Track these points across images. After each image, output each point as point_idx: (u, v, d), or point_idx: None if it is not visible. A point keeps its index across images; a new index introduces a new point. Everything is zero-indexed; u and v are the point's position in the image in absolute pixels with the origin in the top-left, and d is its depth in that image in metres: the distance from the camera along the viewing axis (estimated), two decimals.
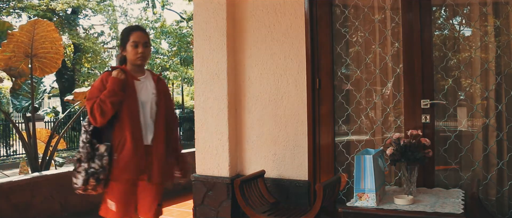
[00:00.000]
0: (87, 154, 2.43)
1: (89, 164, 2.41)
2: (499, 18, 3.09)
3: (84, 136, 2.45)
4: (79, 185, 2.43)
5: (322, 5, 3.54)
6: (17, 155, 11.77)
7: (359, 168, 2.55)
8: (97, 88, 2.49)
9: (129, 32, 2.62)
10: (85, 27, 18.91)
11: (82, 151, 2.44)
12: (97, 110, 2.40)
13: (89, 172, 2.41)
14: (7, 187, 4.02)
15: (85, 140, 2.44)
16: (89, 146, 2.44)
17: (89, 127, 2.47)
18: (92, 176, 2.40)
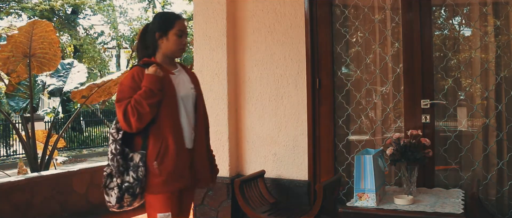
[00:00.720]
0: (118, 167, 2.05)
1: (122, 178, 2.05)
2: (499, 18, 3.09)
3: (113, 146, 2.05)
4: (113, 203, 2.08)
5: (322, 5, 3.54)
6: (17, 155, 11.77)
7: (359, 168, 2.55)
8: (129, 87, 2.10)
9: (174, 19, 2.23)
10: (85, 27, 18.92)
11: (112, 164, 2.05)
12: (133, 114, 2.02)
13: (123, 187, 2.04)
14: (7, 187, 4.02)
15: (115, 151, 2.05)
16: (121, 158, 2.05)
17: (118, 135, 2.08)
18: (127, 192, 2.05)
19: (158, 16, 2.28)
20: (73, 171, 4.67)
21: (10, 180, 4.12)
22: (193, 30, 4.05)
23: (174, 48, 2.23)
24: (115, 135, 2.08)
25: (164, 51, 2.23)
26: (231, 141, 3.83)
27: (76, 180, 4.62)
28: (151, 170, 2.07)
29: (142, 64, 2.17)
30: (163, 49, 2.23)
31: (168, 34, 2.21)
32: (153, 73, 2.11)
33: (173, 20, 2.23)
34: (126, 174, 2.06)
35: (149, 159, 2.08)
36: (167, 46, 2.22)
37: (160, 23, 2.22)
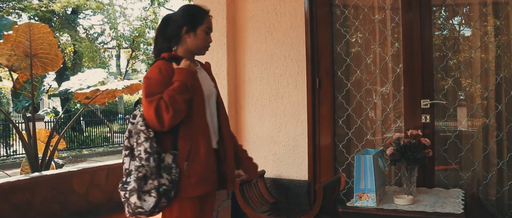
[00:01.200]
0: (155, 167, 1.85)
1: (159, 180, 1.85)
2: (499, 18, 3.09)
3: (148, 144, 1.84)
4: (147, 209, 1.84)
5: (322, 5, 3.54)
6: (17, 155, 11.77)
7: (359, 168, 2.55)
8: (158, 81, 1.93)
9: (205, 14, 2.10)
10: (85, 27, 18.93)
11: (147, 164, 1.84)
12: (167, 110, 1.84)
13: (161, 190, 1.84)
14: (7, 187, 4.02)
15: (150, 150, 1.84)
16: (157, 157, 1.86)
17: (150, 132, 1.87)
18: (164, 196, 1.84)
19: (186, 9, 2.12)
20: (73, 171, 4.67)
21: (10, 180, 4.11)
22: None
23: (201, 45, 2.11)
24: (147, 132, 1.87)
25: (189, 46, 2.08)
26: None
27: (76, 180, 4.62)
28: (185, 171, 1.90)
29: (167, 58, 2.02)
30: (189, 45, 2.08)
31: (196, 30, 2.07)
32: (187, 67, 1.97)
33: (203, 16, 2.10)
34: (160, 176, 1.86)
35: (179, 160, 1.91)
36: (194, 42, 2.08)
37: (189, 18, 2.07)
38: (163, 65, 1.97)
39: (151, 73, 1.97)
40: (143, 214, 1.85)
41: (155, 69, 1.96)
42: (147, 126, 1.88)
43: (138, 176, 1.84)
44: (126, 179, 1.91)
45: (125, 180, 1.92)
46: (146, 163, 1.84)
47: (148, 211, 1.84)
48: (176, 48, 2.09)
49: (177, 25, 2.06)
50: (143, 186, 1.85)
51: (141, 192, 1.84)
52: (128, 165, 1.90)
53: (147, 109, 1.87)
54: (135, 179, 1.85)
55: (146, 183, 1.85)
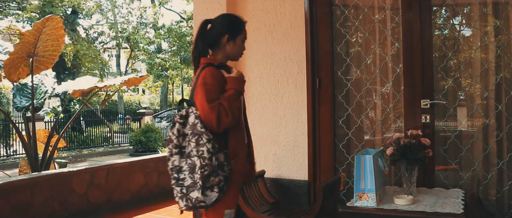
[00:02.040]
0: (218, 165, 2.02)
1: (219, 178, 2.03)
2: (499, 19, 3.09)
3: (210, 145, 2.00)
4: (209, 203, 2.02)
5: (322, 5, 3.54)
6: (17, 155, 11.77)
7: (359, 168, 2.54)
8: (216, 87, 2.11)
9: (243, 25, 2.28)
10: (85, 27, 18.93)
11: (210, 163, 2.00)
12: (226, 115, 2.05)
13: (220, 186, 2.03)
14: (7, 187, 4.02)
15: (213, 150, 2.00)
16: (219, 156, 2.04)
17: (210, 134, 2.02)
18: (222, 191, 2.04)
19: (227, 19, 2.30)
20: (73, 171, 4.68)
21: (10, 180, 4.12)
22: (193, 30, 4.05)
23: (238, 53, 2.31)
24: (208, 134, 2.02)
25: (228, 53, 2.26)
26: None
27: (76, 180, 4.62)
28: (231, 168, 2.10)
29: (216, 65, 2.19)
30: (228, 52, 2.26)
31: (236, 39, 2.25)
32: (240, 76, 2.21)
33: (242, 26, 2.28)
34: (218, 173, 2.04)
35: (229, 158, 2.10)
36: (233, 50, 2.27)
37: (231, 27, 2.24)
38: (215, 72, 2.14)
39: (206, 79, 2.11)
40: (204, 208, 2.04)
41: (209, 75, 2.11)
42: (206, 127, 2.03)
43: (204, 174, 1.99)
44: (179, 176, 2.06)
45: (178, 177, 2.06)
46: (209, 162, 2.00)
47: (209, 205, 2.02)
48: (213, 52, 2.26)
49: (218, 33, 2.23)
50: (206, 182, 2.01)
51: (205, 188, 2.01)
52: (178, 162, 2.06)
53: (209, 113, 2.03)
54: (201, 177, 1.99)
55: (208, 180, 2.01)
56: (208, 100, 2.05)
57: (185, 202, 2.04)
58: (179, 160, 2.06)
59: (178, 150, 2.06)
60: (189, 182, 2.03)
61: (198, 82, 2.11)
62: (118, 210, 4.88)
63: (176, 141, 2.06)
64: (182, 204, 2.06)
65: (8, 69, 5.18)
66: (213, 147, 2.01)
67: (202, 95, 2.07)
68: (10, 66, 5.15)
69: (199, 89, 2.09)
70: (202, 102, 2.05)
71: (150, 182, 5.46)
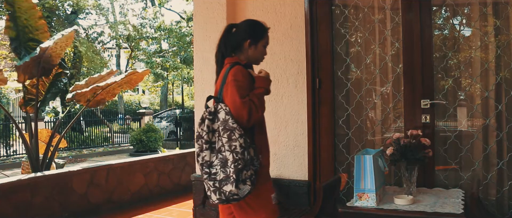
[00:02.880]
0: (250, 159, 2.11)
1: (250, 171, 2.12)
2: (499, 18, 3.09)
3: (243, 140, 2.09)
4: (242, 196, 2.10)
5: (322, 5, 3.54)
6: (17, 155, 11.77)
7: (359, 168, 2.55)
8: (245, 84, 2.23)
9: (265, 30, 2.39)
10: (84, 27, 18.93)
11: (243, 157, 2.08)
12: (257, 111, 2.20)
13: (252, 179, 2.12)
14: (7, 187, 4.02)
15: (245, 145, 2.09)
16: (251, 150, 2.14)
17: (241, 129, 2.12)
18: (253, 184, 2.13)
19: (250, 24, 2.40)
20: (73, 171, 4.68)
21: (10, 180, 4.12)
22: (193, 30, 4.05)
23: (259, 57, 2.41)
24: (240, 129, 2.11)
25: (249, 56, 2.37)
26: None
27: (76, 180, 4.62)
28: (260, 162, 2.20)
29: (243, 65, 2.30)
30: (249, 55, 2.37)
31: (258, 44, 2.36)
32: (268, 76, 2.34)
33: (264, 32, 2.38)
34: (249, 167, 2.12)
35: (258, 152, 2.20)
36: (254, 54, 2.38)
37: (253, 33, 2.35)
38: (243, 70, 2.25)
39: (237, 76, 2.21)
40: (237, 200, 2.11)
41: (239, 73, 2.22)
42: (238, 123, 2.11)
43: (238, 168, 2.07)
44: (210, 170, 2.15)
45: (210, 171, 2.15)
46: (241, 156, 2.09)
47: (242, 197, 2.10)
48: (236, 55, 2.36)
49: (241, 37, 2.35)
50: (240, 175, 2.09)
51: (239, 181, 2.09)
52: (208, 157, 2.15)
53: (241, 108, 2.13)
54: (235, 171, 2.07)
55: (241, 173, 2.10)
56: (240, 96, 2.15)
57: (218, 196, 2.11)
58: (210, 155, 2.15)
59: (208, 145, 2.15)
60: (221, 176, 2.10)
61: (228, 79, 2.21)
62: (118, 210, 4.88)
63: (206, 136, 2.15)
64: (215, 197, 2.13)
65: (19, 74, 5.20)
66: (245, 142, 2.09)
67: (234, 92, 2.16)
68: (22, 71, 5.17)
69: (230, 86, 2.18)
70: (234, 98, 2.14)
71: (150, 182, 5.46)
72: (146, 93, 29.19)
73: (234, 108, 2.14)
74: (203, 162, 2.16)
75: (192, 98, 27.92)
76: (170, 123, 17.08)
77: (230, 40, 2.37)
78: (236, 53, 2.37)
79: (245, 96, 2.17)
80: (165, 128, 16.58)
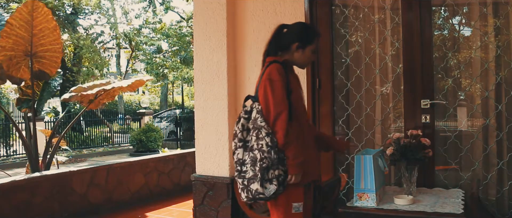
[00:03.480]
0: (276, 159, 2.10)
1: (278, 171, 2.11)
2: (499, 18, 3.09)
3: (269, 139, 2.09)
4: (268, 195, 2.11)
5: (322, 5, 3.54)
6: (17, 155, 11.77)
7: (359, 168, 2.55)
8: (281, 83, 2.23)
9: (315, 36, 2.37)
10: (85, 27, 18.93)
11: (269, 156, 2.08)
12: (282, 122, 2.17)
13: (280, 179, 2.11)
14: (7, 187, 4.02)
15: (272, 144, 2.09)
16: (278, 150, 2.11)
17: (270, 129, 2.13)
18: (282, 184, 2.12)
19: (301, 28, 2.39)
20: (73, 171, 4.68)
21: (10, 180, 4.12)
22: (193, 30, 4.05)
23: (305, 62, 2.38)
24: (267, 128, 2.11)
25: (295, 59, 2.34)
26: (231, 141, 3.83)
27: (76, 180, 4.62)
28: None
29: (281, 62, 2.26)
30: (295, 58, 2.34)
31: (306, 48, 2.33)
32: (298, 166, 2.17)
33: (314, 37, 2.36)
34: (278, 167, 2.11)
35: None
36: (300, 58, 2.34)
37: (303, 36, 2.33)
38: (280, 69, 2.21)
39: (272, 75, 2.19)
40: (263, 199, 2.13)
41: (274, 71, 2.19)
42: (267, 122, 2.12)
43: (263, 167, 2.08)
44: (242, 168, 2.17)
45: (240, 169, 2.17)
46: (268, 155, 2.08)
47: (268, 197, 2.11)
48: (282, 54, 2.33)
49: (290, 39, 2.32)
50: (265, 175, 2.10)
51: (264, 180, 2.10)
52: (241, 155, 2.17)
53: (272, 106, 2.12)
54: (259, 169, 2.09)
55: (268, 172, 2.10)
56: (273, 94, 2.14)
57: (245, 194, 2.14)
58: (243, 153, 2.17)
59: (242, 143, 2.17)
60: (250, 174, 2.12)
61: (263, 78, 2.20)
62: (118, 210, 4.88)
63: (240, 135, 2.18)
64: (243, 195, 2.15)
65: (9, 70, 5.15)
66: (272, 141, 2.08)
67: (267, 90, 2.16)
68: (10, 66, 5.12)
69: (263, 85, 2.18)
70: (267, 96, 2.15)
71: (150, 182, 5.46)
72: (146, 93, 29.19)
73: (265, 106, 2.14)
74: (237, 160, 2.18)
75: (192, 98, 27.92)
76: (170, 123, 17.09)
77: (279, 40, 2.35)
78: (283, 54, 2.34)
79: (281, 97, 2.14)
80: (165, 128, 16.59)
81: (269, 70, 2.21)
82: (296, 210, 2.20)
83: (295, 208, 2.20)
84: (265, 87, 2.17)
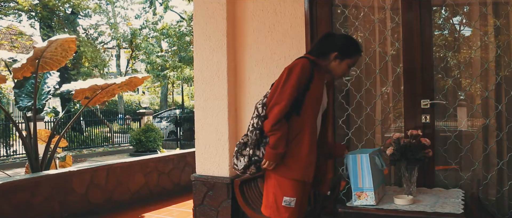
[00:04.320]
0: (255, 140, 2.26)
1: (254, 151, 2.27)
2: (499, 18, 3.09)
3: (256, 121, 2.26)
4: (239, 168, 2.32)
5: (322, 5, 3.54)
6: (17, 155, 11.77)
7: (356, 167, 2.54)
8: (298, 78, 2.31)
9: (356, 52, 2.44)
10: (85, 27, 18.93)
11: (251, 136, 2.27)
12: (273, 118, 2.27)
13: (252, 159, 2.27)
14: (7, 187, 4.02)
15: (256, 125, 2.26)
16: (259, 133, 2.26)
17: (263, 111, 2.27)
18: (254, 164, 2.27)
19: (345, 40, 2.47)
20: (73, 171, 4.68)
21: (10, 180, 4.12)
22: (193, 30, 4.05)
23: (339, 73, 2.46)
24: (260, 110, 2.27)
25: (330, 67, 2.43)
26: (231, 141, 3.84)
27: (76, 180, 4.62)
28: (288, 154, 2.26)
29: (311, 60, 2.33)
30: (331, 67, 2.42)
31: (343, 61, 2.40)
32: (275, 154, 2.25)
33: (354, 53, 2.43)
34: (258, 148, 2.26)
35: None
36: (335, 68, 2.43)
37: (343, 48, 2.40)
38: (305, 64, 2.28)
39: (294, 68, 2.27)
40: (237, 171, 2.34)
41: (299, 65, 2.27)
42: (264, 105, 2.27)
43: (240, 142, 2.32)
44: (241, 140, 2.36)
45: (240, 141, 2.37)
46: (249, 134, 2.28)
47: (240, 170, 2.31)
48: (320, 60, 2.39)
49: (331, 48, 2.40)
50: (242, 150, 2.31)
51: (239, 154, 2.31)
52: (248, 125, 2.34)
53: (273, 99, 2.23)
54: (237, 143, 2.33)
55: (245, 149, 2.30)
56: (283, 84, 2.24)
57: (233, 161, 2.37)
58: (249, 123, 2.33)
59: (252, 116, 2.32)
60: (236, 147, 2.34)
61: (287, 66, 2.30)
62: (118, 210, 4.88)
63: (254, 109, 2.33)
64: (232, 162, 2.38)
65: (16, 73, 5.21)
66: (257, 123, 2.25)
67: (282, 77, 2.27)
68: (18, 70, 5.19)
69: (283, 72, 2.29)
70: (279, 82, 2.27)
71: (150, 182, 5.46)
72: (146, 93, 29.20)
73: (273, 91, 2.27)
74: None
75: (192, 98, 27.92)
76: (170, 123, 17.10)
77: (322, 46, 2.43)
78: (321, 59, 2.40)
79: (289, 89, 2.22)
80: (165, 128, 16.59)
81: (295, 63, 2.31)
82: (286, 204, 2.27)
83: (286, 201, 2.27)
84: (282, 75, 2.28)
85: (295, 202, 2.28)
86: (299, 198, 2.30)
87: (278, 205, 2.29)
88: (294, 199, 2.28)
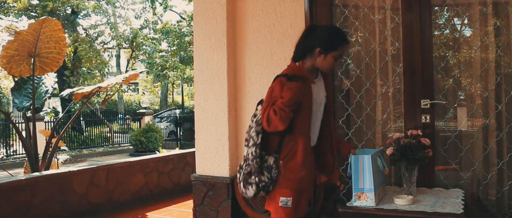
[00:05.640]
0: (258, 167, 2.28)
1: (260, 177, 2.29)
2: (499, 18, 3.09)
3: (254, 149, 2.28)
4: (249, 196, 2.35)
5: (322, 5, 3.54)
6: (17, 155, 11.77)
7: (357, 167, 2.54)
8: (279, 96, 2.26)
9: (340, 43, 2.31)
10: (85, 27, 18.92)
11: (252, 164, 2.29)
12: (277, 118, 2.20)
13: (260, 186, 2.29)
14: (7, 187, 4.02)
15: (255, 154, 2.28)
16: (259, 160, 2.28)
17: (258, 139, 2.27)
18: (262, 190, 2.30)
19: (326, 32, 2.35)
20: (73, 171, 4.68)
21: (10, 180, 4.12)
22: (193, 30, 4.05)
23: (327, 67, 2.36)
24: (256, 138, 2.28)
25: (317, 64, 2.34)
26: (231, 141, 3.84)
27: (76, 180, 4.62)
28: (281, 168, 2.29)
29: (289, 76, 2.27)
30: (317, 63, 2.33)
31: (328, 54, 2.30)
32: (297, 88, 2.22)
33: (338, 44, 2.31)
34: (262, 174, 2.29)
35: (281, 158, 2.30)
36: (322, 63, 2.33)
37: (326, 42, 2.29)
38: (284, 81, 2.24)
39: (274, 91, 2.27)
40: (247, 198, 2.41)
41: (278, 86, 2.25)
42: (258, 132, 2.28)
43: (245, 171, 2.33)
44: (243, 165, 2.36)
45: (241, 165, 2.38)
46: (251, 163, 2.29)
47: (250, 197, 2.35)
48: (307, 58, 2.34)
49: (313, 43, 2.30)
50: (248, 179, 2.33)
51: (246, 183, 2.33)
52: (246, 153, 2.34)
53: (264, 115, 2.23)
54: (243, 173, 2.34)
55: (250, 177, 2.32)
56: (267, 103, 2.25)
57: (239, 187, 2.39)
58: (246, 151, 2.34)
59: (247, 142, 2.33)
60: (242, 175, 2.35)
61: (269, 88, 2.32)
62: (118, 210, 4.88)
63: (247, 135, 2.34)
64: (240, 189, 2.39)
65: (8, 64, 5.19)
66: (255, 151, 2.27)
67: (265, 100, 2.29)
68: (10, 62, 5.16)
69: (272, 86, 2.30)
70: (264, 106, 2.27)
71: (150, 182, 5.46)
72: (146, 93, 29.19)
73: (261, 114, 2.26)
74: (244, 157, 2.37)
75: (192, 98, 27.92)
76: (170, 123, 17.09)
77: (306, 42, 2.33)
78: (307, 57, 2.34)
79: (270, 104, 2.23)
80: (165, 128, 16.59)
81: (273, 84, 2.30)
82: (282, 204, 2.30)
83: (282, 202, 2.30)
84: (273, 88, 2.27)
85: (291, 202, 2.30)
86: (296, 197, 2.31)
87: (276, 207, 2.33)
88: (290, 199, 2.29)
